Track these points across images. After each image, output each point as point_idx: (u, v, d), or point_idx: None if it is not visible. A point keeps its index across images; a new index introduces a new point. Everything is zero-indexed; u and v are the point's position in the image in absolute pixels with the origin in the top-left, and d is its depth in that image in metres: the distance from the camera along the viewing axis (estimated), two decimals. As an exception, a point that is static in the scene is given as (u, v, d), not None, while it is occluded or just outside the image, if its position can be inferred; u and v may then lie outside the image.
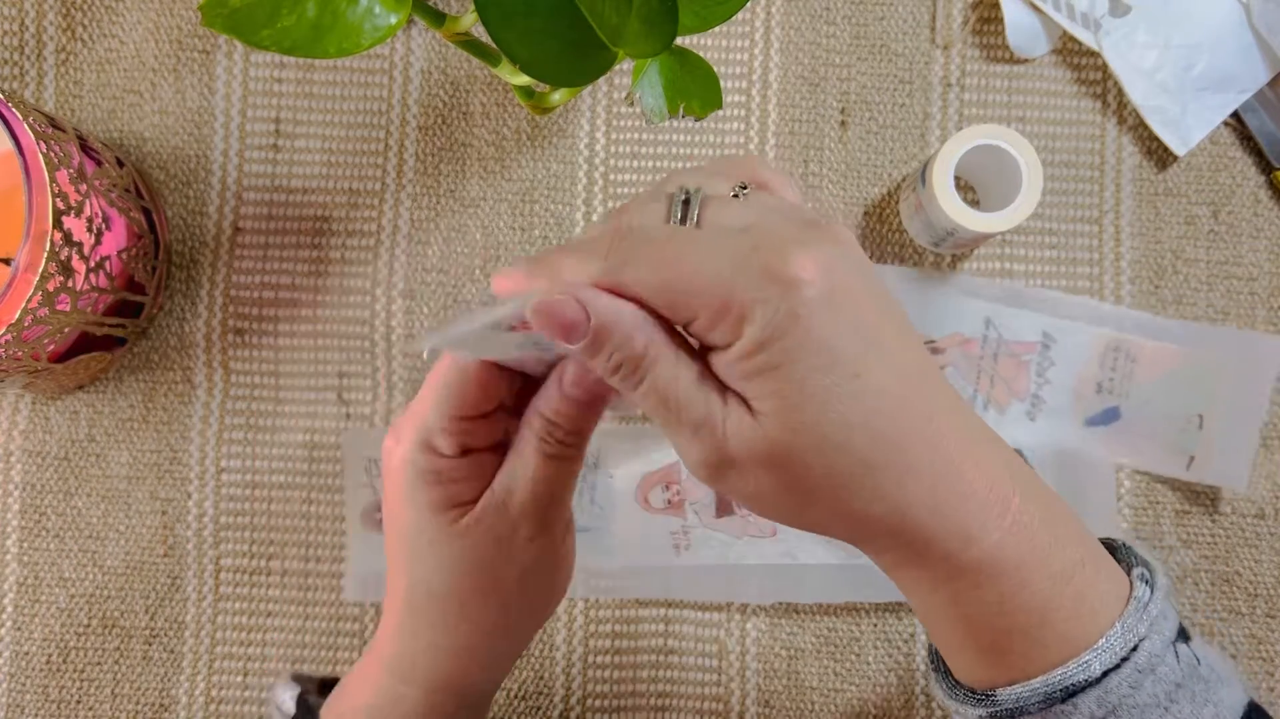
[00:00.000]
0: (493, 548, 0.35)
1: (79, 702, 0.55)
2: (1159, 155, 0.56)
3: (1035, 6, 0.55)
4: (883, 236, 0.56)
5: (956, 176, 0.50)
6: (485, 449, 0.35)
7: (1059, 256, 0.56)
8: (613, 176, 0.56)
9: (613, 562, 0.55)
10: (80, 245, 0.47)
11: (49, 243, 0.44)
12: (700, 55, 0.54)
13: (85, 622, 0.55)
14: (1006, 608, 0.31)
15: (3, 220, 0.49)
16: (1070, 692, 0.31)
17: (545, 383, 0.35)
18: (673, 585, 0.55)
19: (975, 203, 0.56)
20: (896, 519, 0.30)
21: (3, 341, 0.44)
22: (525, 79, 0.48)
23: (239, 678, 0.55)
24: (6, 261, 0.48)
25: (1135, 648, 0.31)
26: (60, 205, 0.45)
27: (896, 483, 0.30)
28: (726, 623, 0.55)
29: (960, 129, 0.56)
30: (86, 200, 0.47)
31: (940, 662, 0.35)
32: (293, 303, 0.56)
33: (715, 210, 0.32)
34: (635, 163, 0.56)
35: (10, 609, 0.55)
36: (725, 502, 0.55)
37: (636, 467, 0.55)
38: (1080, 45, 0.56)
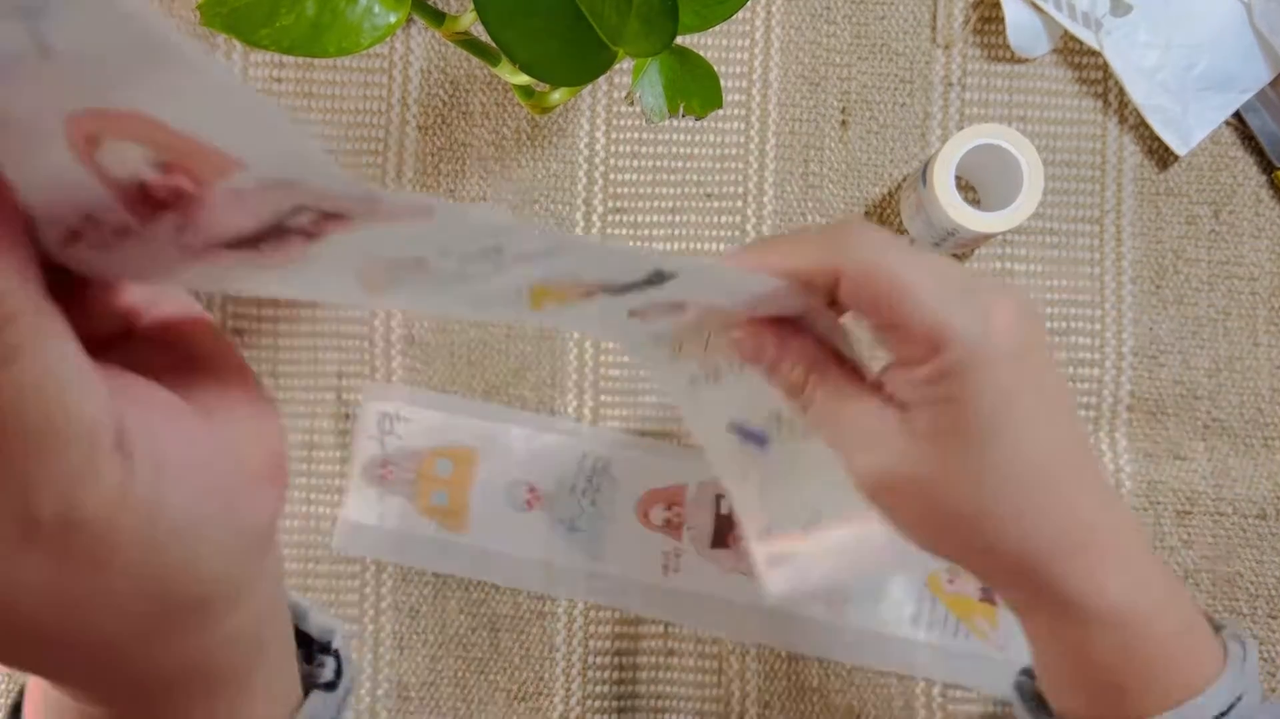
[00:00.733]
0: None
1: (77, 703, 0.55)
2: (1160, 155, 0.56)
3: (1036, 6, 0.55)
4: (883, 236, 0.56)
5: (957, 176, 0.50)
6: None
7: (1060, 256, 0.56)
8: (613, 176, 0.56)
9: (604, 567, 0.54)
10: (78, 245, 0.47)
11: (47, 243, 0.44)
12: (700, 54, 0.54)
13: (84, 622, 0.55)
14: (1130, 654, 0.34)
15: (1, 220, 0.49)
16: None
17: None
18: (653, 604, 0.54)
19: (976, 202, 0.56)
20: (1033, 564, 0.33)
21: (1, 342, 0.44)
22: (525, 78, 0.48)
23: (238, 679, 0.55)
24: (5, 261, 0.48)
25: (1239, 698, 0.35)
26: (58, 205, 0.45)
27: (1039, 532, 0.33)
28: (727, 624, 0.55)
29: (961, 129, 0.56)
30: (85, 200, 0.47)
31: (1036, 700, 0.38)
32: (292, 303, 0.56)
33: None
34: (635, 162, 0.56)
35: (9, 610, 0.55)
36: (722, 533, 0.54)
37: (643, 480, 0.55)
38: (1081, 45, 0.56)
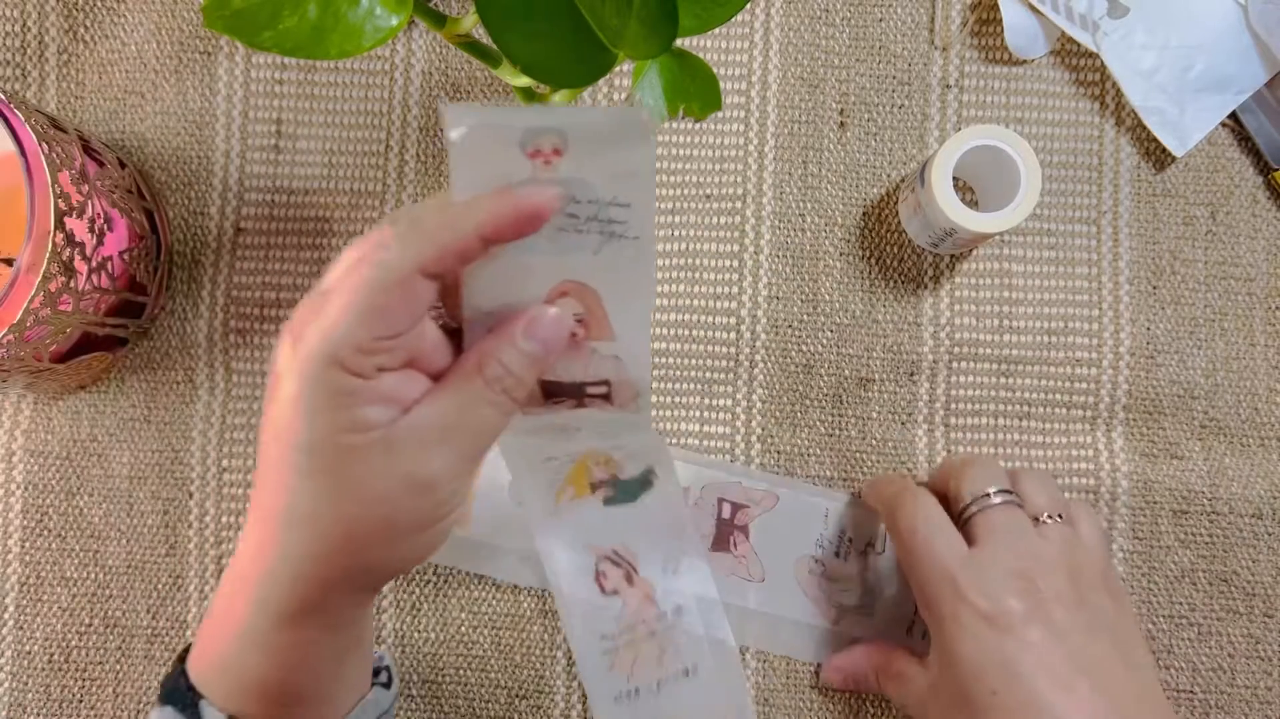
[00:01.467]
0: (394, 485, 0.32)
1: (81, 700, 0.55)
2: (1157, 156, 0.56)
3: (1033, 8, 0.55)
4: (881, 237, 0.56)
5: (955, 177, 0.50)
6: (397, 370, 0.32)
7: (1057, 257, 0.56)
8: (613, 177, 0.56)
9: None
10: (82, 246, 0.47)
11: (51, 243, 0.44)
12: (700, 57, 0.55)
13: (87, 621, 0.55)
14: None
15: (5, 221, 0.49)
16: None
17: (498, 328, 0.33)
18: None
19: (974, 203, 0.56)
20: None
21: (5, 342, 0.45)
22: (526, 81, 0.48)
23: (240, 677, 0.55)
24: (9, 262, 0.48)
25: None
26: (62, 206, 0.45)
27: None
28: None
29: (959, 130, 0.56)
30: (88, 201, 0.47)
31: None
32: (294, 303, 0.56)
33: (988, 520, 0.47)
34: (635, 164, 0.57)
35: (12, 608, 0.55)
36: (724, 536, 0.54)
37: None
38: (1079, 46, 0.56)
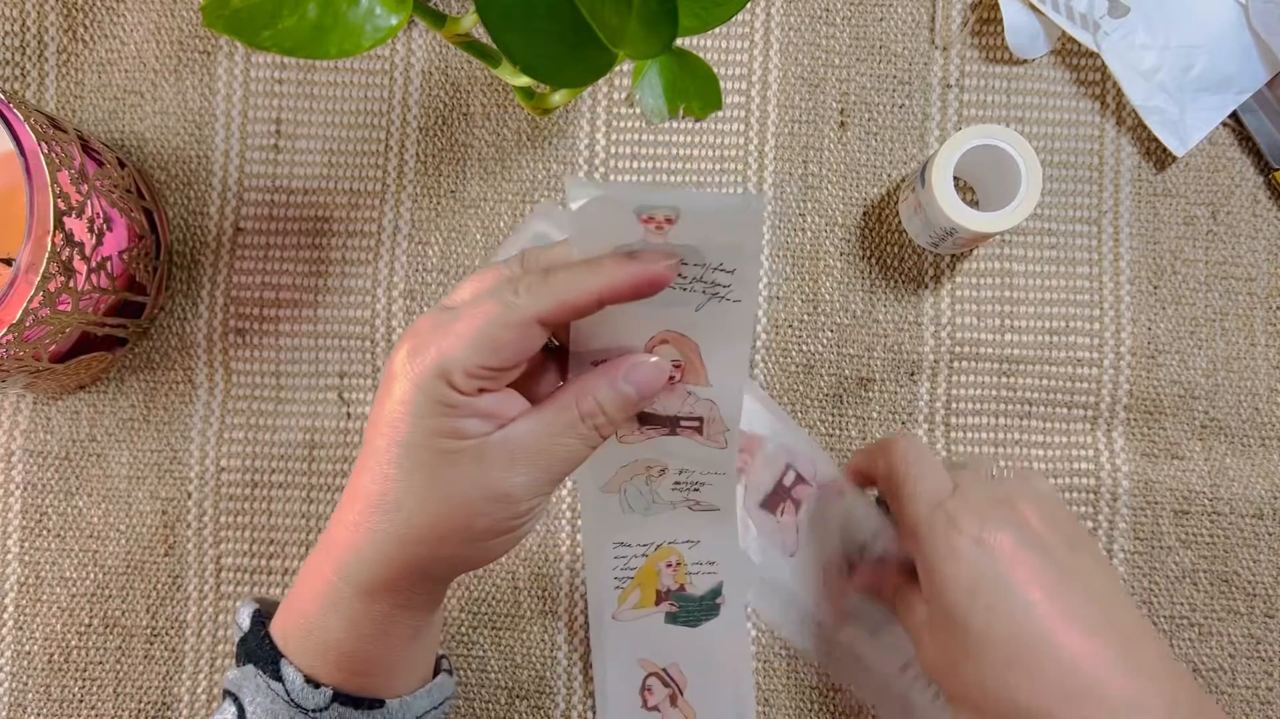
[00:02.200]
0: (478, 491, 0.36)
1: (81, 701, 0.55)
2: (1158, 156, 0.56)
3: (1034, 7, 0.55)
4: (882, 237, 0.56)
5: (956, 177, 0.50)
6: (498, 391, 0.37)
7: (1058, 257, 0.56)
8: (613, 177, 0.56)
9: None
10: (81, 246, 0.47)
11: (50, 243, 0.44)
12: (700, 56, 0.55)
13: (87, 621, 0.55)
14: None
15: (4, 221, 0.49)
16: None
17: (601, 368, 0.38)
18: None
19: (974, 203, 0.56)
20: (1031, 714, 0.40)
21: (4, 342, 0.44)
22: (525, 80, 0.48)
23: (240, 677, 0.55)
24: (8, 262, 0.48)
25: None
26: (62, 206, 0.45)
27: (1025, 688, 0.39)
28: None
29: (959, 129, 0.56)
30: (88, 201, 0.47)
31: None
32: (293, 303, 0.56)
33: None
34: (635, 163, 0.57)
35: (12, 608, 0.55)
36: (777, 499, 0.54)
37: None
38: (1079, 46, 0.56)
